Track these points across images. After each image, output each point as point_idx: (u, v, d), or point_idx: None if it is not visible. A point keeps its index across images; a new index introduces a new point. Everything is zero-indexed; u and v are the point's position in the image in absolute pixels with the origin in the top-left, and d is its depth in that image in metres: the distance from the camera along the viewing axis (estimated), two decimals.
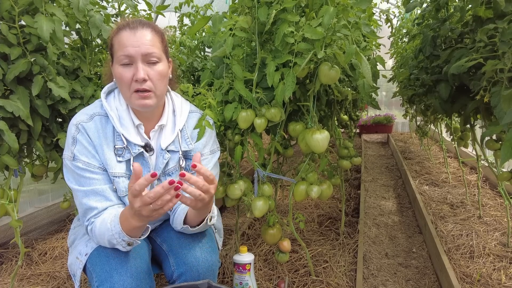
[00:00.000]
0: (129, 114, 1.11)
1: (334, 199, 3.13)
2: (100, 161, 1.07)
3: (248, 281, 1.56)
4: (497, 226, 2.42)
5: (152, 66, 1.06)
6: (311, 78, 1.40)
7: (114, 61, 1.07)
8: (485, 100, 1.33)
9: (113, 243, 0.99)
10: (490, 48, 1.41)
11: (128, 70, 1.04)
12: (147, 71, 1.04)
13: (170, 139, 1.15)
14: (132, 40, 1.03)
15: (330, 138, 1.40)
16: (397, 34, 3.80)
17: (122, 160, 1.09)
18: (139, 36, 1.03)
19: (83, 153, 1.05)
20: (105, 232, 0.98)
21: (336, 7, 1.23)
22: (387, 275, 1.94)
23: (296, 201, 1.56)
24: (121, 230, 0.95)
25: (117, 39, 1.05)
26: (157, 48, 1.06)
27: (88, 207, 1.04)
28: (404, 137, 6.75)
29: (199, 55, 2.79)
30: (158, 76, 1.06)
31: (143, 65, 1.04)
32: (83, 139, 1.05)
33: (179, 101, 1.22)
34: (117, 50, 1.04)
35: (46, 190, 2.68)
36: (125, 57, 1.03)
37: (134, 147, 1.10)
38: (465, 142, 2.56)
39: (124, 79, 1.04)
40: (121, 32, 1.04)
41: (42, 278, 1.95)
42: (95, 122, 1.08)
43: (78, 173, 1.05)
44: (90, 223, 1.04)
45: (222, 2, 5.10)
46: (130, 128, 1.10)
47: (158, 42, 1.07)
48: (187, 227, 1.09)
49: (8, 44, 1.30)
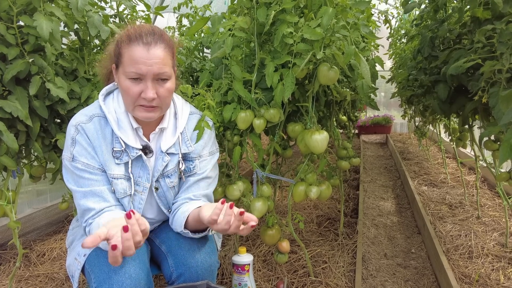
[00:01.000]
0: (127, 117, 1.11)
1: (333, 200, 3.13)
2: (99, 162, 1.06)
3: (247, 282, 1.56)
4: (496, 226, 2.42)
5: (162, 84, 1.04)
6: (310, 79, 1.40)
7: (121, 71, 1.04)
8: (484, 100, 1.34)
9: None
10: (488, 49, 1.41)
11: (136, 86, 1.01)
12: (156, 89, 1.02)
13: (171, 142, 1.14)
14: (145, 58, 0.99)
15: (329, 139, 1.40)
16: (395, 35, 3.81)
17: (120, 162, 1.08)
18: (152, 54, 1.00)
19: (82, 154, 1.05)
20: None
21: (335, 8, 1.23)
22: (386, 276, 1.94)
23: (295, 202, 1.56)
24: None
25: (128, 51, 1.01)
26: (168, 66, 1.04)
27: (86, 208, 1.03)
28: (403, 138, 6.76)
29: (197, 56, 2.78)
30: (167, 93, 1.05)
31: (153, 83, 1.02)
32: (83, 140, 1.05)
33: (180, 103, 1.22)
34: (127, 64, 1.01)
35: (45, 191, 2.67)
36: (136, 74, 1.00)
37: (132, 150, 1.09)
38: (463, 142, 2.57)
39: (130, 93, 1.02)
40: (133, 46, 1.00)
41: (40, 279, 1.95)
42: (94, 123, 1.07)
43: (77, 174, 1.05)
44: (88, 224, 1.04)
45: (221, 3, 5.10)
46: (128, 131, 1.10)
47: (169, 59, 1.05)
48: (188, 232, 1.09)
49: (6, 45, 1.29)
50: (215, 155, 1.24)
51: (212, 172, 1.22)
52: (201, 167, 1.19)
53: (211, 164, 1.21)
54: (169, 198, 1.18)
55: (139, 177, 1.12)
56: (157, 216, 1.22)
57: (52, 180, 1.66)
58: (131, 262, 1.02)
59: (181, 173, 1.16)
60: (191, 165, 1.18)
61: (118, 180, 1.08)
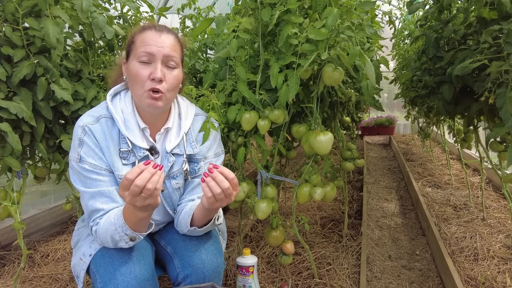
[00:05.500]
0: (134, 117, 1.11)
1: (336, 201, 3.12)
2: (107, 163, 1.07)
3: (251, 284, 1.56)
4: (501, 228, 2.40)
5: (170, 70, 1.08)
6: (315, 79, 1.39)
7: (131, 57, 1.08)
8: (490, 101, 1.32)
9: (116, 240, 0.98)
10: (495, 50, 1.40)
11: (145, 68, 1.05)
12: (164, 73, 1.06)
13: (175, 142, 1.15)
14: (157, 40, 1.05)
15: (333, 140, 1.40)
16: (399, 36, 3.80)
17: (127, 163, 1.09)
18: (163, 38, 1.06)
19: (90, 155, 1.05)
20: (109, 227, 0.98)
21: (339, 8, 1.23)
22: (390, 278, 1.93)
23: (299, 203, 1.55)
24: (124, 223, 0.95)
25: (140, 36, 1.07)
26: (177, 54, 1.10)
27: (94, 208, 1.03)
28: (406, 139, 6.73)
29: (201, 57, 2.79)
30: (174, 80, 1.08)
31: (162, 66, 1.06)
32: (90, 141, 1.05)
33: (185, 104, 1.23)
34: (138, 47, 1.06)
35: (49, 192, 2.68)
36: (146, 54, 1.04)
37: (139, 151, 1.10)
38: (468, 143, 2.55)
39: (140, 75, 1.04)
40: (146, 31, 1.07)
41: (44, 280, 1.95)
42: (101, 124, 1.08)
43: (85, 174, 1.05)
44: (95, 223, 1.04)
45: (224, 4, 5.11)
46: (136, 131, 1.10)
47: (178, 50, 1.11)
48: (194, 228, 1.09)
49: (12, 46, 1.30)
50: (220, 157, 1.25)
51: None
52: (206, 169, 1.19)
53: None
54: (175, 199, 1.18)
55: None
56: (162, 217, 1.21)
57: (57, 181, 1.66)
58: (136, 262, 1.02)
59: (186, 174, 1.16)
60: (196, 166, 1.18)
61: None
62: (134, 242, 1.01)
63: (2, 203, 1.42)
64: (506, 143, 1.76)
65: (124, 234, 0.97)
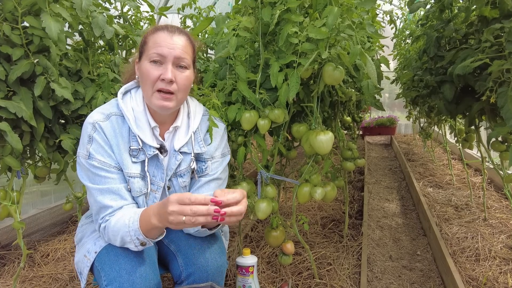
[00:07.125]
0: (145, 115, 1.12)
1: (337, 201, 3.11)
2: (116, 161, 1.07)
3: (251, 284, 1.55)
4: (503, 228, 2.39)
5: (181, 71, 1.08)
6: (315, 79, 1.39)
7: (144, 57, 1.09)
8: (492, 100, 1.32)
9: (126, 241, 0.98)
10: (496, 49, 1.39)
11: (156, 68, 1.06)
12: (175, 74, 1.06)
13: (183, 140, 1.15)
14: (168, 41, 1.06)
15: (333, 139, 1.39)
16: (400, 36, 3.79)
17: (136, 161, 1.09)
18: (175, 39, 1.08)
19: (99, 152, 1.05)
20: (121, 228, 0.98)
21: (340, 7, 1.22)
22: (391, 278, 1.92)
23: (299, 203, 1.55)
24: (139, 228, 0.96)
25: (152, 37, 1.08)
26: (189, 56, 1.10)
27: (103, 205, 1.03)
28: (407, 139, 6.72)
29: (201, 56, 2.78)
30: (184, 81, 1.09)
31: (173, 67, 1.06)
32: (100, 138, 1.05)
33: (194, 104, 1.24)
34: (151, 48, 1.07)
35: (49, 191, 2.68)
36: (158, 55, 1.05)
37: (149, 149, 1.10)
38: (469, 143, 2.54)
39: (150, 76, 1.05)
40: (158, 32, 1.08)
41: (44, 280, 1.95)
42: (111, 121, 1.08)
43: (93, 171, 1.05)
44: (104, 221, 1.04)
45: (225, 4, 5.11)
46: (146, 129, 1.11)
47: (190, 51, 1.12)
48: (205, 230, 1.09)
49: (10, 45, 1.29)
50: (226, 157, 1.26)
51: (222, 174, 1.23)
52: (213, 168, 1.20)
53: (222, 165, 1.22)
54: None
55: (154, 176, 1.13)
56: None
57: (57, 181, 1.66)
58: (141, 261, 1.02)
59: (193, 172, 1.17)
60: (203, 165, 1.19)
61: (135, 179, 1.08)
62: (143, 247, 1.01)
63: (2, 202, 1.42)
64: (508, 143, 1.75)
65: (136, 238, 0.97)
